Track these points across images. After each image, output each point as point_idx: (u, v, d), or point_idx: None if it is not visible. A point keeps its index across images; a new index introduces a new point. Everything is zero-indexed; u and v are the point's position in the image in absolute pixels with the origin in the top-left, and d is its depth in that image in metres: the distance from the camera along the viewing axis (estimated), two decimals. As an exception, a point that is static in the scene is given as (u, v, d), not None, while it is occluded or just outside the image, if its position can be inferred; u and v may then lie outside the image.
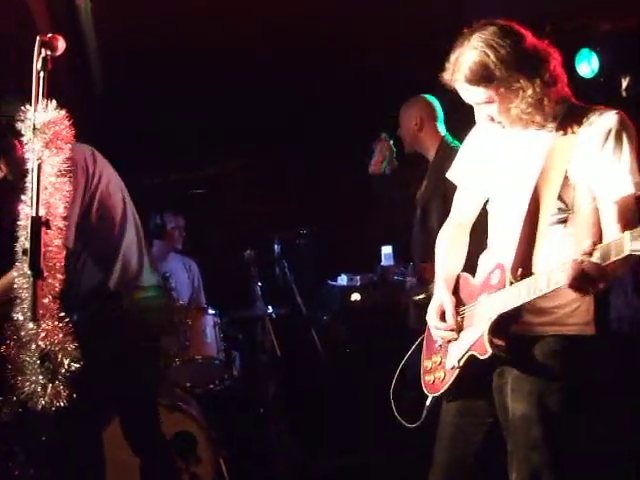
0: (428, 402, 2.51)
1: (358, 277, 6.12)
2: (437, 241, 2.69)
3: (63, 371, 2.04)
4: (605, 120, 2.20)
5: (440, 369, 2.46)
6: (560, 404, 2.26)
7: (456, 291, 2.51)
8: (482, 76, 2.21)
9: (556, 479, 2.24)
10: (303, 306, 5.31)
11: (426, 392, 2.53)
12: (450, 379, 2.39)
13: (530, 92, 2.20)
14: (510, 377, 2.32)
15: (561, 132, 2.28)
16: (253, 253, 5.02)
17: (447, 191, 3.02)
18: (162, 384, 4.36)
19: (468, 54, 2.23)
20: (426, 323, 2.55)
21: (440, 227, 2.72)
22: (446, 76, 2.33)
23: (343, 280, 6.20)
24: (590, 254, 1.87)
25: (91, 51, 4.81)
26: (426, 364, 2.57)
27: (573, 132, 2.25)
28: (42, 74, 2.21)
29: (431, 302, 2.51)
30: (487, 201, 2.56)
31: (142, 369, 3.26)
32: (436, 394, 2.47)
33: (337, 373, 5.41)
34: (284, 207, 6.63)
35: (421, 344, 2.67)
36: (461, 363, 2.33)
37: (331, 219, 6.54)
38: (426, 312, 2.52)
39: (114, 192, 3.22)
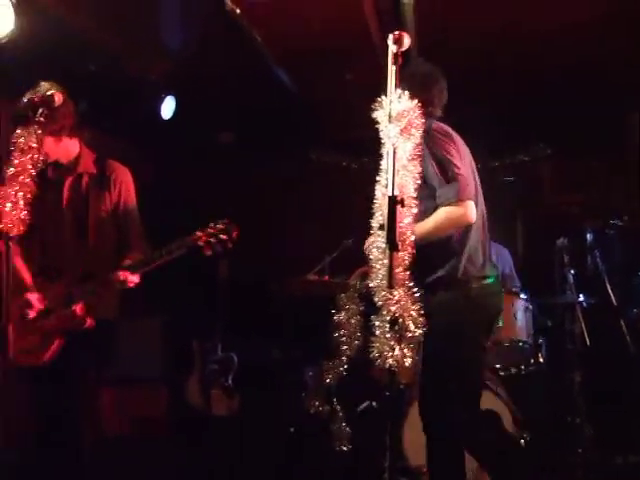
0: None
1: (672, 271, 5.86)
2: None
3: (409, 335, 2.27)
4: None
5: None
6: None
7: None
8: None
9: None
10: (613, 297, 5.20)
11: None
12: None
13: None
14: None
15: None
16: (566, 241, 5.03)
17: None
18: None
19: None
20: None
21: None
22: None
23: (655, 273, 5.96)
24: None
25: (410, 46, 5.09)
26: None
27: None
28: (394, 68, 2.46)
29: None
30: None
31: (471, 352, 3.41)
32: None
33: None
34: (596, 196, 6.50)
35: None
36: None
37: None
38: None
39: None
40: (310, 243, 3.90)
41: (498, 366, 4.82)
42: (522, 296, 4.90)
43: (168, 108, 5.66)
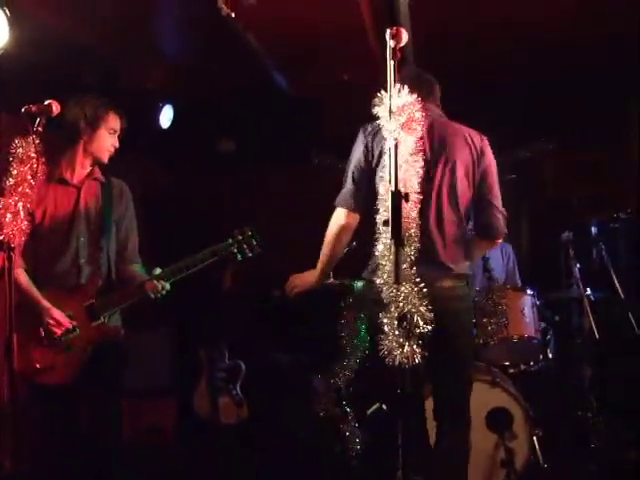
0: None
1: (678, 263, 5.83)
2: None
3: (417, 331, 2.25)
4: None
5: None
6: None
7: None
8: None
9: None
10: (620, 290, 5.17)
11: None
12: None
13: None
14: None
15: None
16: (571, 235, 5.01)
17: None
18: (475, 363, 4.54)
19: None
20: None
21: None
22: None
23: (662, 266, 5.93)
24: None
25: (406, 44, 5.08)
26: None
27: None
28: (392, 63, 2.43)
29: None
30: None
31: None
32: None
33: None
34: (599, 190, 6.47)
35: None
36: None
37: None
38: None
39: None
40: (313, 247, 3.87)
41: (507, 363, 4.80)
42: (529, 292, 4.87)
43: (166, 117, 5.64)
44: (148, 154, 6.28)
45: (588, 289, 5.00)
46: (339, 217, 3.37)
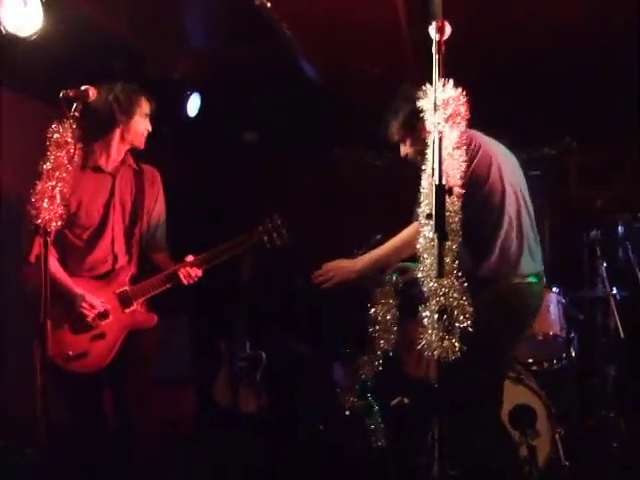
0: None
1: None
2: None
3: (457, 326, 2.24)
4: None
5: None
6: None
7: None
8: None
9: None
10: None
11: None
12: None
13: None
14: None
15: None
16: (599, 234, 5.00)
17: None
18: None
19: None
20: None
21: None
22: None
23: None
24: None
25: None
26: None
27: None
28: (437, 56, 2.42)
29: None
30: None
31: (498, 350, 3.28)
32: None
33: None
34: (622, 190, 6.44)
35: None
36: None
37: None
38: None
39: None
40: (338, 239, 3.88)
41: (530, 360, 4.79)
42: (554, 289, 4.86)
43: (194, 105, 5.63)
44: (175, 143, 6.28)
45: (614, 288, 4.98)
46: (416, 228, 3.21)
